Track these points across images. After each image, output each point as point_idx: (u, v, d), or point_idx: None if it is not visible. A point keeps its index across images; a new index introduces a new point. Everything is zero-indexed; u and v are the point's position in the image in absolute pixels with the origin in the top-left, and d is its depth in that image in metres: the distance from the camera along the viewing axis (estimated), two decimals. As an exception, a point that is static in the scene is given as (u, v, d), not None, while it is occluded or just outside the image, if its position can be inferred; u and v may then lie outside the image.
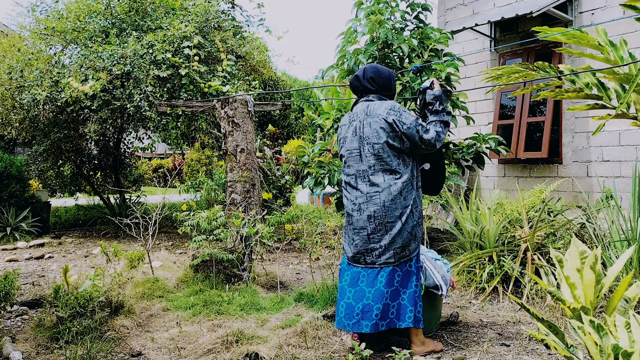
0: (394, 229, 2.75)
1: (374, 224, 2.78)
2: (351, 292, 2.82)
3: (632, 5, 2.59)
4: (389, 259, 2.77)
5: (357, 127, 2.87)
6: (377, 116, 2.79)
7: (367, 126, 2.81)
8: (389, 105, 2.80)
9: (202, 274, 4.33)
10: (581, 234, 4.35)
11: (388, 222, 2.75)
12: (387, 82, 2.95)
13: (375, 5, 4.31)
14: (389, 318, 2.75)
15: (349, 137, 2.91)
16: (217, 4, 7.20)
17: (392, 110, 2.78)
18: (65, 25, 6.81)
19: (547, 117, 5.95)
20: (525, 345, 2.98)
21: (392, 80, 2.98)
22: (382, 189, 2.76)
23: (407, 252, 2.79)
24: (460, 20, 7.05)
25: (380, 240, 2.77)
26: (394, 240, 2.75)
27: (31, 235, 7.33)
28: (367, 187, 2.80)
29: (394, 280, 2.78)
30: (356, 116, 2.90)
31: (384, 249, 2.77)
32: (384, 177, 2.78)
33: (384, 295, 2.74)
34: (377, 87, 2.92)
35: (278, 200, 7.87)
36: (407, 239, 2.78)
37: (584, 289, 2.17)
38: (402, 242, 2.76)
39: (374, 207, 2.77)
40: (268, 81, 13.40)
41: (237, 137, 4.71)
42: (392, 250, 2.76)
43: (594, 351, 1.81)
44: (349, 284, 2.86)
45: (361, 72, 2.96)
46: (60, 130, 7.44)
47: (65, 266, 3.46)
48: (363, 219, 2.80)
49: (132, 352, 2.94)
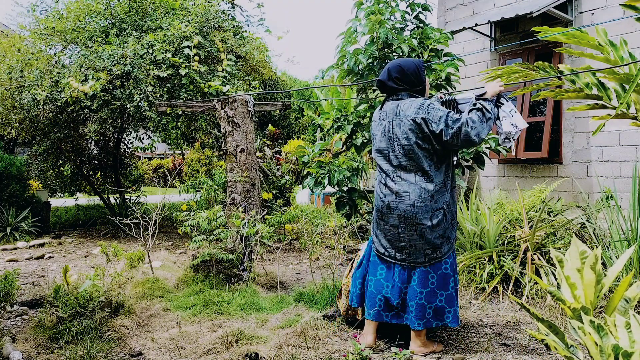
0: (424, 231, 2.74)
1: (404, 224, 2.77)
2: (388, 287, 2.87)
3: (632, 5, 2.59)
4: (418, 259, 2.79)
5: (387, 127, 2.83)
6: (406, 117, 2.73)
7: (396, 127, 2.77)
8: (417, 104, 2.73)
9: (202, 274, 4.32)
10: (581, 234, 4.35)
11: (418, 223, 2.74)
12: (414, 77, 2.84)
13: (375, 5, 4.31)
14: (426, 318, 2.79)
15: (378, 137, 2.88)
16: (217, 4, 7.20)
17: (421, 109, 2.70)
18: (65, 25, 6.81)
19: (547, 117, 5.95)
20: (525, 345, 2.97)
21: (420, 72, 2.86)
22: (413, 189, 2.74)
23: (438, 253, 2.79)
24: (460, 20, 7.05)
25: (410, 240, 2.77)
26: (424, 241, 2.75)
27: (31, 235, 7.33)
28: (397, 186, 2.78)
29: (427, 281, 2.80)
30: (386, 115, 2.85)
31: (414, 249, 2.78)
32: (415, 177, 2.75)
33: (417, 294, 2.79)
34: (404, 86, 2.84)
35: (278, 200, 7.87)
36: (438, 242, 2.77)
37: (584, 289, 2.17)
38: (432, 244, 2.76)
39: (403, 206, 2.76)
40: (268, 81, 13.40)
41: (237, 137, 4.71)
42: (422, 251, 2.78)
43: (594, 351, 1.81)
44: (385, 277, 2.90)
45: (385, 74, 2.86)
46: (60, 130, 7.43)
47: (65, 266, 3.46)
48: (393, 217, 2.80)
49: (132, 352, 2.94)
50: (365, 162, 4.94)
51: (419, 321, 2.79)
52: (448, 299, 2.81)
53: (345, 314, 3.31)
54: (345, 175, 4.50)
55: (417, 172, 2.75)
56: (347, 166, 4.59)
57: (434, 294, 2.79)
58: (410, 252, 2.79)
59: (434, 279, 2.80)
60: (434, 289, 2.79)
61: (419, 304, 2.79)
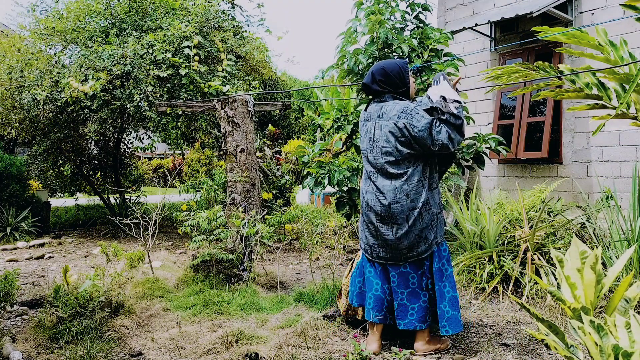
0: (400, 230, 2.75)
1: (380, 222, 2.80)
2: (378, 285, 2.89)
3: (632, 5, 2.59)
4: (396, 258, 2.80)
5: (369, 128, 2.87)
6: (388, 119, 2.76)
7: (377, 129, 2.81)
8: (401, 108, 2.75)
9: (202, 274, 4.32)
10: (581, 234, 4.35)
11: (394, 223, 2.76)
12: (397, 79, 2.85)
13: (375, 5, 4.31)
14: (408, 319, 2.80)
15: (362, 137, 2.93)
16: (217, 4, 7.20)
17: (404, 113, 2.72)
18: (65, 25, 6.81)
19: (547, 117, 5.95)
20: (525, 345, 2.97)
21: (404, 74, 2.87)
22: (388, 189, 2.77)
23: (414, 253, 2.79)
24: (460, 20, 7.05)
25: (387, 238, 2.79)
26: (400, 240, 2.76)
27: (31, 235, 7.33)
28: (375, 187, 2.82)
29: (408, 282, 2.81)
30: (370, 116, 2.89)
31: (391, 248, 2.79)
32: (391, 178, 2.78)
33: (397, 295, 2.82)
34: (388, 88, 2.86)
35: (278, 200, 7.87)
36: (414, 241, 2.77)
37: (584, 289, 2.17)
38: (408, 243, 2.76)
39: (379, 206, 2.79)
40: (268, 81, 13.40)
41: (237, 137, 4.71)
42: (398, 251, 2.78)
43: (594, 351, 1.81)
44: (372, 276, 2.92)
45: (369, 77, 2.88)
46: (60, 130, 7.43)
47: (65, 266, 3.46)
48: (372, 214, 2.84)
49: (132, 352, 2.94)
50: (365, 162, 4.94)
51: (400, 321, 2.81)
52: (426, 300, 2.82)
53: (345, 314, 3.31)
54: (345, 175, 4.49)
55: (392, 174, 2.77)
56: (347, 166, 4.58)
57: (415, 294, 2.80)
58: (387, 251, 2.81)
59: (415, 279, 2.81)
60: (415, 289, 2.81)
61: (401, 304, 2.81)
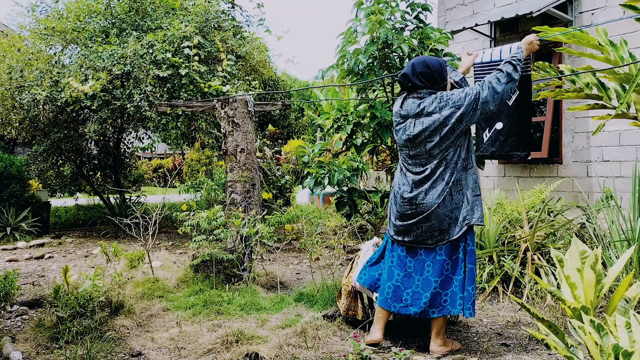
0: (431, 213, 2.75)
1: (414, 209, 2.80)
2: (399, 275, 2.89)
3: (632, 5, 2.59)
4: (427, 240, 2.81)
5: (408, 125, 2.82)
6: (429, 114, 2.74)
7: (419, 125, 2.76)
8: (437, 98, 2.74)
9: (202, 274, 4.32)
10: (581, 234, 4.35)
11: (428, 208, 2.76)
12: (438, 75, 2.81)
13: (375, 5, 4.31)
14: (442, 305, 2.79)
15: (399, 134, 2.88)
16: (217, 4, 7.20)
17: (442, 101, 2.72)
18: (65, 25, 6.81)
19: (547, 117, 5.95)
20: (525, 345, 2.97)
21: (444, 71, 2.85)
22: (425, 176, 2.78)
23: (446, 235, 2.78)
24: (460, 20, 7.05)
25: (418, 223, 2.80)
26: (431, 223, 2.77)
27: (31, 235, 7.33)
28: (414, 176, 2.82)
29: (443, 269, 2.81)
30: (407, 112, 2.83)
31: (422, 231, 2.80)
32: (432, 167, 2.78)
33: (430, 283, 2.81)
34: (427, 83, 2.80)
35: (278, 200, 7.86)
36: (445, 223, 2.77)
37: (584, 289, 2.17)
38: (439, 225, 2.76)
39: (416, 193, 2.80)
40: (268, 81, 13.39)
41: (237, 137, 4.71)
42: (428, 232, 2.79)
43: (594, 351, 1.81)
44: (396, 266, 2.92)
45: (409, 68, 2.83)
46: (60, 130, 7.43)
47: (65, 266, 3.46)
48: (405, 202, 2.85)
49: (132, 352, 2.94)
50: (365, 162, 4.94)
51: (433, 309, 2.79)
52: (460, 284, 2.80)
53: (345, 314, 3.31)
54: (345, 175, 4.50)
55: (429, 161, 2.78)
56: (347, 166, 4.59)
57: (449, 280, 2.80)
58: (419, 235, 2.82)
59: (448, 266, 2.82)
60: (448, 275, 2.81)
61: (433, 293, 2.79)
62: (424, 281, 2.82)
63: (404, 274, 2.88)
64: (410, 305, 2.83)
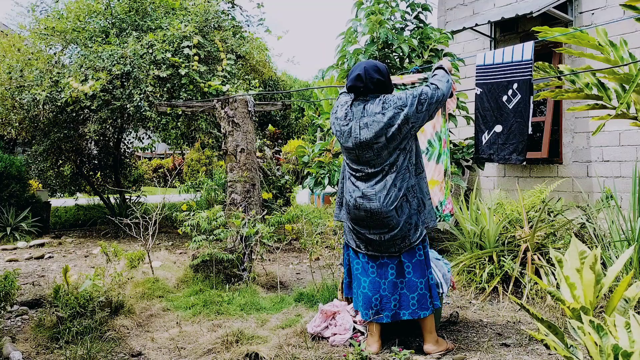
0: (390, 221, 2.74)
1: (370, 217, 2.78)
2: (365, 282, 2.89)
3: (632, 5, 2.60)
4: (390, 249, 2.81)
5: (353, 128, 2.78)
6: (373, 115, 2.72)
7: (364, 128, 2.74)
8: (382, 100, 2.76)
9: (202, 274, 4.33)
10: (581, 234, 4.34)
11: (385, 216, 2.74)
12: (388, 81, 2.84)
13: (375, 5, 4.31)
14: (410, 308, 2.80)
15: (345, 138, 2.83)
16: (217, 4, 7.20)
17: (385, 103, 2.73)
18: (65, 25, 6.81)
19: (547, 117, 5.95)
20: (525, 345, 2.98)
21: (389, 76, 2.89)
22: (376, 182, 2.76)
23: (407, 241, 2.79)
24: (460, 20, 7.05)
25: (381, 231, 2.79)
26: (393, 233, 2.76)
27: (31, 235, 7.33)
28: (364, 183, 2.80)
29: (404, 271, 2.82)
30: (353, 116, 2.81)
31: (384, 240, 2.79)
32: (383, 172, 2.76)
33: (397, 285, 2.82)
34: (379, 89, 2.81)
35: (278, 200, 7.86)
36: (405, 230, 2.77)
37: (584, 289, 2.17)
38: (400, 233, 2.76)
39: (369, 203, 2.77)
40: (268, 81, 13.40)
41: (237, 137, 4.71)
42: (391, 242, 2.78)
43: (593, 351, 1.81)
44: (361, 273, 2.91)
45: (362, 71, 2.77)
46: (60, 130, 7.43)
47: (65, 266, 3.46)
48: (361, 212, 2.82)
49: (132, 352, 2.95)
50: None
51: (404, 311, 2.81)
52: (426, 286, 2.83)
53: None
54: (345, 175, 4.49)
55: (384, 167, 2.77)
56: (347, 166, 4.58)
57: (413, 283, 2.82)
58: (380, 243, 2.82)
59: (410, 269, 2.83)
60: (411, 278, 2.82)
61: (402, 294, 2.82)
62: (389, 284, 2.84)
63: (369, 280, 2.89)
64: (380, 310, 2.83)
